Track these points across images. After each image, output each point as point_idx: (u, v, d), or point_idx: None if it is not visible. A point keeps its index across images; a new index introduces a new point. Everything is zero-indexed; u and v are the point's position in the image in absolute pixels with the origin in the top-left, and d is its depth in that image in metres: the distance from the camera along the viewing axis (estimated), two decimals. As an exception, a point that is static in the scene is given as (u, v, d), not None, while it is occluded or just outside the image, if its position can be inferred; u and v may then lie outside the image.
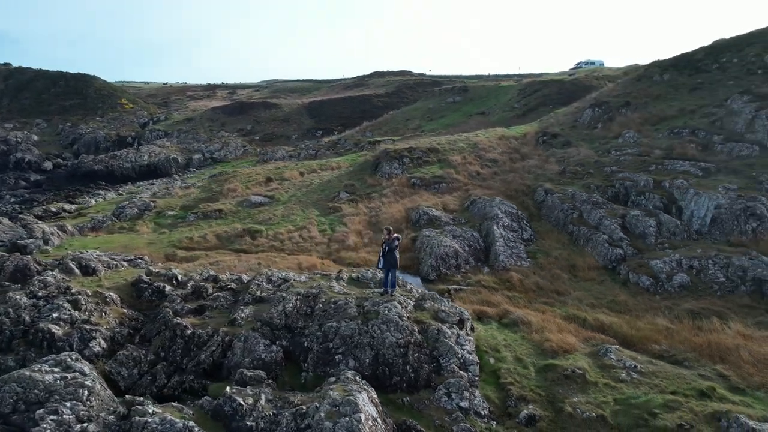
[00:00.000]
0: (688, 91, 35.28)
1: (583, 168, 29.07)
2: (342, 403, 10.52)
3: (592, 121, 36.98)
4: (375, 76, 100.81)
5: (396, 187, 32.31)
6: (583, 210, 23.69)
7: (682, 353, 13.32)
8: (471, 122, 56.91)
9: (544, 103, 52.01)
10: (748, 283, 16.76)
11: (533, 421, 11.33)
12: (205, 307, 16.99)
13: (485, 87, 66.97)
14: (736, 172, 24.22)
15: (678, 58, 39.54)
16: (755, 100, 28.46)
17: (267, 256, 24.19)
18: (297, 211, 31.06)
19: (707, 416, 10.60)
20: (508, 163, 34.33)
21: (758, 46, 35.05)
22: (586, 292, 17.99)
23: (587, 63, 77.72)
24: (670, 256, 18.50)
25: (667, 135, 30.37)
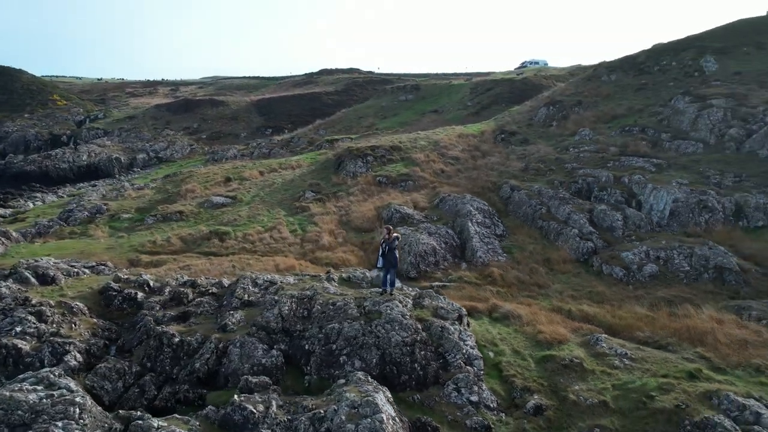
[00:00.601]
0: (634, 91, 37.39)
1: (545, 165, 30.21)
2: (361, 404, 10.50)
3: (547, 120, 38.44)
4: (324, 73, 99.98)
5: (362, 185, 32.30)
6: (551, 205, 24.64)
7: (665, 338, 14.22)
8: (425, 120, 57.67)
9: (496, 102, 53.48)
10: (711, 271, 18.09)
11: (540, 411, 11.76)
12: (189, 313, 16.40)
13: (437, 85, 68.00)
14: (685, 168, 25.98)
15: (623, 59, 41.80)
16: (696, 101, 30.59)
17: (240, 259, 23.58)
18: (263, 212, 30.42)
19: (699, 396, 11.39)
20: (470, 160, 35.11)
21: (693, 50, 37.64)
22: (565, 285, 18.79)
23: (532, 63, 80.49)
24: (638, 248, 19.64)
25: (619, 133, 32.08)
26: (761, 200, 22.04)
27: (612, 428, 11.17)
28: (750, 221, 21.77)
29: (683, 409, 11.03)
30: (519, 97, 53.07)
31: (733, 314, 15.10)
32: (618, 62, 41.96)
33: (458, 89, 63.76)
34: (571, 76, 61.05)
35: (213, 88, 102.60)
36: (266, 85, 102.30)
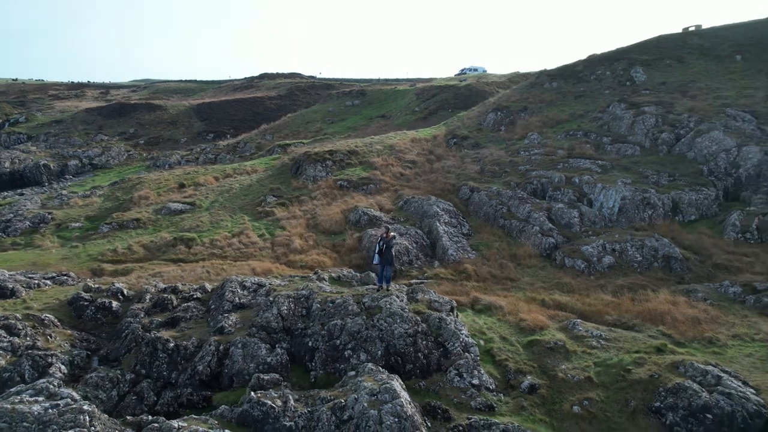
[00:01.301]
0: (574, 98, 40.24)
1: (499, 167, 32.00)
2: (380, 391, 11.17)
3: (495, 124, 40.51)
4: (265, 78, 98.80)
5: (324, 189, 32.74)
6: (510, 205, 26.27)
7: (630, 320, 15.88)
8: (373, 125, 58.72)
9: (442, 107, 55.40)
10: (660, 260, 20.19)
11: (534, 389, 12.92)
12: (177, 319, 16.38)
13: (382, 91, 69.29)
14: (626, 169, 28.51)
15: (562, 68, 44.79)
16: (631, 108, 33.54)
17: (212, 264, 23.41)
18: (225, 217, 30.16)
19: (668, 366, 12.97)
20: (427, 164, 36.43)
21: (624, 62, 41.07)
22: (534, 277, 20.28)
23: (471, 69, 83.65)
24: (595, 242, 21.52)
25: (564, 137, 34.51)
26: (693, 197, 24.71)
27: (598, 400, 12.50)
28: (684, 216, 24.36)
29: (657, 379, 12.54)
30: (464, 102, 55.31)
31: (683, 296, 17.07)
32: (558, 71, 44.90)
33: (404, 95, 65.35)
34: (510, 82, 64.30)
35: (147, 91, 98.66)
36: (204, 89, 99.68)
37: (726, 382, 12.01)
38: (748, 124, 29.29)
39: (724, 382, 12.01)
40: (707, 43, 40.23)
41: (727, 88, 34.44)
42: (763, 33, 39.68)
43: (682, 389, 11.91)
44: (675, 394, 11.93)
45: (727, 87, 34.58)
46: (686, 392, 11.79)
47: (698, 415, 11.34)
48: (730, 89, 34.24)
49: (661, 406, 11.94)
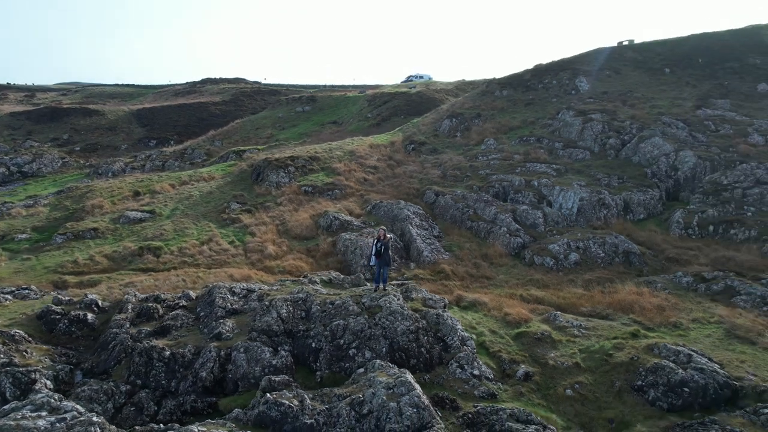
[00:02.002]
0: (524, 105, 42.45)
1: (461, 172, 33.30)
2: (396, 384, 11.70)
3: (451, 130, 41.98)
4: (208, 83, 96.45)
5: (289, 195, 32.76)
6: (476, 208, 27.50)
7: (603, 311, 17.27)
8: (326, 131, 58.99)
9: (395, 114, 56.53)
10: (620, 256, 21.96)
11: (529, 377, 13.87)
12: (167, 327, 16.16)
13: (333, 97, 69.66)
14: (579, 172, 30.56)
15: (511, 77, 47.09)
16: (579, 115, 35.91)
17: (186, 273, 22.98)
18: (189, 225, 29.54)
19: (644, 348, 14.33)
20: (388, 169, 37.22)
21: (569, 72, 43.82)
22: (508, 275, 21.45)
23: (416, 76, 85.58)
24: (561, 241, 23.03)
25: (518, 142, 36.38)
26: (641, 197, 26.94)
27: (587, 383, 13.63)
28: (635, 215, 26.51)
29: (636, 360, 13.84)
30: (416, 109, 56.69)
31: (646, 287, 18.72)
32: (507, 79, 47.14)
33: (355, 101, 66.03)
34: (458, 90, 66.52)
35: (80, 95, 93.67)
36: (143, 93, 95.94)
37: (696, 359, 13.46)
38: (681, 131, 32.20)
39: (694, 359, 13.46)
40: (640, 57, 43.69)
41: (661, 98, 37.61)
42: (685, 50, 43.60)
43: (660, 368, 13.23)
44: (654, 372, 13.24)
45: (661, 97, 37.76)
46: (664, 370, 13.12)
47: (677, 389, 12.67)
48: (663, 99, 37.41)
49: (642, 385, 13.21)
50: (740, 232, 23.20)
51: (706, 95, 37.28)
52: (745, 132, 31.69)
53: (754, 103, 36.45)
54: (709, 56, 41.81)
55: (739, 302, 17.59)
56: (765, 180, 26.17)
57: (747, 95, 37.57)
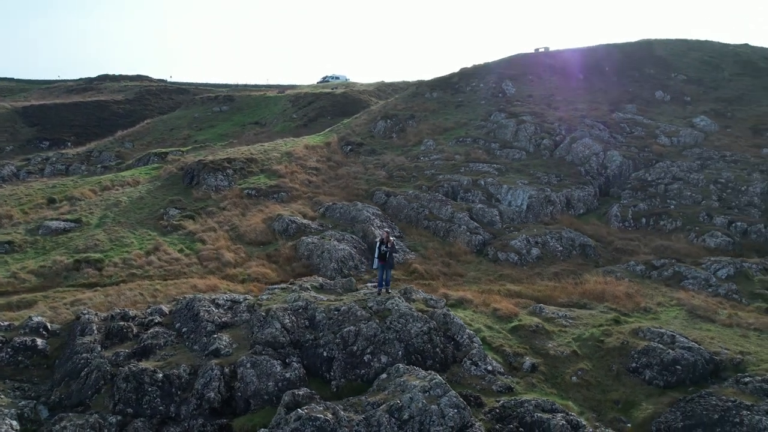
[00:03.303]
0: (455, 107, 43.94)
1: (406, 172, 33.74)
2: (431, 387, 11.70)
3: (386, 132, 42.35)
4: (107, 79, 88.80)
5: (232, 199, 31.21)
6: (431, 207, 28.04)
7: (579, 301, 18.45)
8: (249, 132, 56.83)
9: (321, 114, 55.84)
10: (577, 249, 23.57)
11: (535, 368, 14.48)
12: (148, 347, 14.85)
13: (252, 97, 67.26)
14: (519, 171, 32.29)
15: (439, 80, 48.51)
16: (511, 117, 37.92)
17: (140, 286, 21.06)
18: (126, 234, 27.09)
19: (630, 333, 15.55)
20: (329, 170, 36.73)
21: (495, 75, 46.08)
22: (478, 272, 22.14)
23: (333, 77, 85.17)
24: (520, 237, 24.21)
25: (455, 143, 37.59)
26: (580, 194, 29.12)
27: (588, 369, 14.52)
28: (575, 210, 28.58)
29: (627, 345, 14.99)
30: (342, 110, 56.42)
31: (609, 277, 20.29)
32: (436, 82, 48.48)
33: (276, 101, 64.28)
34: (379, 92, 67.21)
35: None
36: (27, 89, 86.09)
37: (679, 339, 14.87)
38: (603, 132, 35.23)
39: (677, 339, 14.85)
40: (557, 63, 47.09)
41: (580, 101, 40.82)
42: (594, 58, 47.73)
43: (651, 350, 14.44)
44: (646, 354, 14.42)
45: (579, 101, 40.98)
46: (655, 351, 14.34)
47: (670, 367, 13.92)
48: (581, 103, 40.63)
49: (637, 366, 14.34)
50: (668, 223, 25.91)
51: (617, 100, 41.09)
52: (654, 134, 35.40)
53: (655, 108, 40.77)
54: (615, 65, 46.13)
55: (688, 285, 19.69)
56: (680, 176, 29.44)
57: (648, 101, 41.93)
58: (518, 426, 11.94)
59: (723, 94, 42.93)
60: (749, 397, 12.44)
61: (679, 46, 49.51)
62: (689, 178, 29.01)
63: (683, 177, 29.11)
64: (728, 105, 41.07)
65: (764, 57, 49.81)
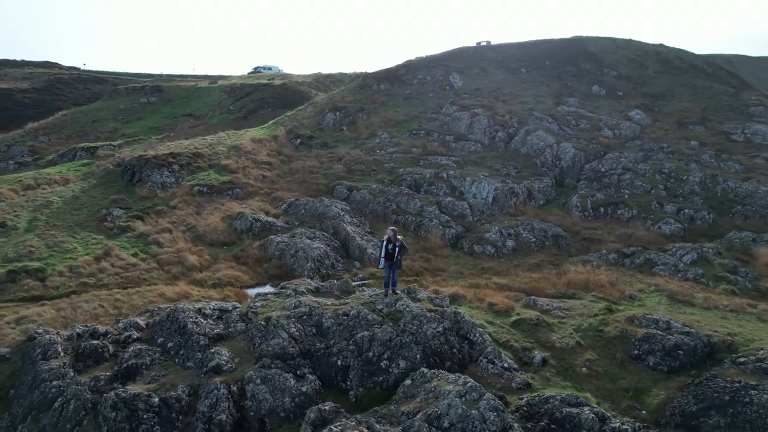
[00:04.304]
0: (403, 99, 43.64)
1: (365, 166, 33.00)
2: (467, 391, 11.28)
3: (336, 124, 41.30)
4: (6, 65, 79.95)
5: (183, 197, 29.01)
6: (399, 201, 27.57)
7: (567, 291, 18.76)
8: (183, 125, 53.50)
9: (261, 106, 53.59)
10: (550, 239, 24.06)
11: (546, 362, 14.45)
12: (133, 368, 13.30)
13: (182, 87, 63.27)
14: (477, 164, 32.59)
15: (386, 72, 47.98)
16: (464, 110, 38.22)
17: (96, 296, 18.90)
18: (65, 238, 24.33)
19: (626, 320, 15.97)
20: (283, 165, 35.22)
21: (441, 68, 46.28)
22: (459, 266, 21.97)
23: (265, 68, 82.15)
24: (493, 229, 24.35)
25: (409, 135, 37.31)
26: (539, 185, 29.86)
27: (594, 359, 14.72)
28: (536, 201, 29.28)
29: (626, 333, 15.36)
30: (282, 102, 54.45)
31: (587, 266, 20.85)
32: (382, 74, 47.88)
33: (209, 92, 60.91)
34: (317, 83, 65.66)
35: None
36: None
37: (673, 324, 15.45)
38: (552, 125, 36.40)
39: (672, 325, 15.43)
40: (500, 57, 48.13)
41: (525, 95, 41.96)
42: (535, 52, 49.32)
43: (651, 336, 14.89)
44: (647, 341, 14.84)
45: (525, 95, 42.13)
46: (656, 338, 14.80)
47: (672, 353, 14.39)
48: (527, 96, 41.79)
49: (639, 353, 14.72)
50: (625, 212, 27.19)
51: (559, 94, 42.67)
52: (598, 126, 37.11)
53: (593, 102, 42.79)
54: (554, 60, 47.90)
55: (659, 271, 20.68)
56: (629, 167, 31.03)
57: (586, 95, 43.93)
58: (549, 423, 11.79)
59: (649, 90, 45.87)
60: (751, 377, 13.10)
61: (609, 44, 52.31)
62: (637, 168, 30.63)
63: (632, 168, 30.69)
64: (655, 100, 43.95)
65: (678, 57, 53.87)
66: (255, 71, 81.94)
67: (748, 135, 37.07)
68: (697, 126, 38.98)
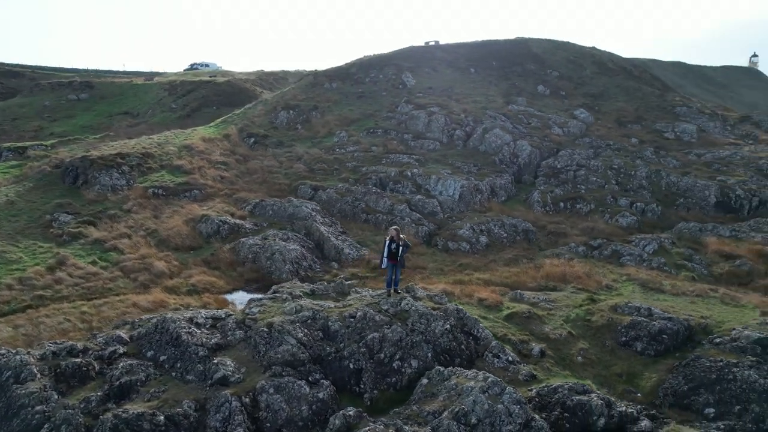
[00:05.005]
0: (356, 98, 43.38)
1: (327, 165, 32.50)
2: (489, 386, 11.40)
3: (290, 123, 40.39)
4: None
5: (137, 200, 27.31)
6: (368, 200, 27.38)
7: (547, 284, 19.36)
8: (120, 124, 50.38)
9: (206, 104, 51.45)
10: (521, 234, 24.74)
11: (544, 353, 14.84)
12: (127, 386, 12.48)
13: (116, 84, 59.44)
14: (438, 161, 32.99)
15: (337, 70, 47.46)
16: (420, 108, 38.52)
17: (59, 310, 17.37)
18: (7, 248, 22.23)
19: (610, 309, 16.71)
20: (239, 165, 33.99)
21: (393, 67, 46.40)
22: (437, 263, 22.09)
23: (202, 65, 79.10)
24: (465, 226, 24.72)
25: (366, 134, 37.15)
26: (501, 182, 30.69)
27: (587, 347, 15.31)
28: (498, 197, 30.05)
29: (612, 321, 16.08)
30: (228, 100, 52.52)
31: (560, 259, 21.64)
32: (333, 72, 47.31)
33: (146, 89, 57.68)
34: (261, 81, 63.88)
35: None
36: None
37: (654, 311, 16.34)
38: (506, 123, 37.50)
39: (654, 311, 16.32)
40: (449, 57, 48.96)
41: (477, 94, 42.95)
42: (482, 53, 50.54)
43: (637, 323, 15.68)
44: (633, 328, 15.62)
45: (476, 94, 43.12)
46: (641, 324, 15.59)
47: (657, 337, 15.23)
48: (478, 96, 42.79)
49: (627, 340, 15.47)
50: (584, 206, 28.52)
51: (508, 93, 44.04)
52: (548, 125, 38.67)
53: (540, 101, 44.51)
54: (501, 60, 49.36)
55: (627, 262, 21.84)
56: (583, 164, 32.56)
57: (533, 94, 45.63)
58: (562, 411, 12.12)
59: (589, 90, 48.34)
60: (731, 356, 14.10)
61: (549, 46, 54.59)
62: (590, 165, 32.21)
63: (585, 164, 32.23)
64: (594, 100, 46.38)
65: (610, 59, 57.17)
66: (192, 68, 78.71)
67: (678, 133, 39.95)
68: (634, 125, 41.53)
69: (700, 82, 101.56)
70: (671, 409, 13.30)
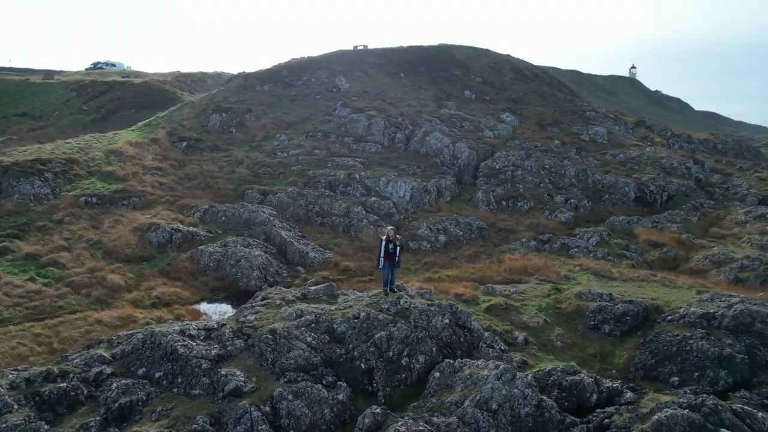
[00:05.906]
0: (290, 101, 42.81)
1: (272, 169, 31.82)
2: (502, 372, 12.07)
3: (222, 126, 39.01)
4: None
5: (69, 209, 25.13)
6: (322, 204, 27.22)
7: (511, 277, 20.47)
8: (21, 127, 45.82)
9: (123, 107, 48.11)
10: (475, 232, 25.80)
11: (527, 341, 15.77)
12: (127, 407, 11.85)
13: (8, 82, 53.64)
14: (382, 164, 33.50)
15: (267, 72, 46.44)
16: (358, 112, 38.83)
17: (7, 334, 15.49)
18: None
19: (575, 296, 18.10)
20: (173, 170, 32.28)
21: (325, 70, 46.27)
22: (403, 263, 22.44)
23: (108, 64, 73.81)
24: (423, 226, 25.37)
25: (306, 137, 36.84)
26: (445, 183, 31.82)
27: (563, 333, 16.50)
28: (444, 197, 31.15)
29: (580, 307, 17.47)
30: (147, 102, 49.54)
31: (516, 254, 22.96)
32: (264, 74, 46.20)
33: (48, 89, 52.72)
34: (179, 82, 60.92)
35: None
36: None
37: (615, 296, 17.94)
38: (442, 126, 38.89)
39: (614, 297, 17.90)
40: (380, 61, 49.72)
41: (409, 98, 44.07)
42: (410, 58, 51.90)
43: (602, 308, 17.15)
44: (600, 312, 17.07)
45: (408, 98, 44.24)
46: (606, 309, 17.08)
47: (622, 319, 16.75)
48: (411, 99, 43.94)
49: (596, 323, 16.88)
50: (524, 204, 30.39)
51: (438, 97, 45.66)
52: (480, 128, 40.64)
53: (467, 105, 46.62)
54: (428, 65, 50.99)
55: (575, 253, 23.65)
56: (518, 164, 34.62)
57: (461, 99, 47.68)
58: (560, 391, 13.01)
59: (510, 95, 51.40)
60: (684, 330, 15.87)
61: (471, 53, 57.26)
62: (524, 165, 34.33)
63: (520, 165, 34.30)
64: (515, 104, 49.40)
65: (525, 66, 61.25)
66: (96, 67, 73.12)
67: (592, 135, 43.69)
68: (553, 128, 44.79)
69: (593, 89, 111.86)
70: (643, 381, 14.70)
